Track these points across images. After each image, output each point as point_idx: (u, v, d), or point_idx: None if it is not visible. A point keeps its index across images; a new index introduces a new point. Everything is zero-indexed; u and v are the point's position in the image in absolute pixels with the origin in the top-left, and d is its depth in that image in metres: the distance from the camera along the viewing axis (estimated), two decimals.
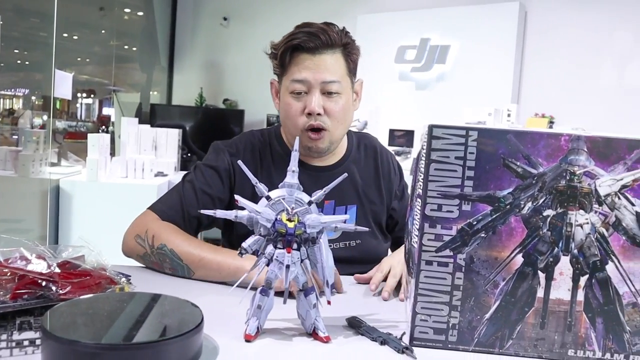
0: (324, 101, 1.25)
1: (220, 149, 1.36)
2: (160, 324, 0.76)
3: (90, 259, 1.06)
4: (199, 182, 1.30)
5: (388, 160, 1.46)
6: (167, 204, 1.29)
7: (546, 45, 4.28)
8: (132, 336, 0.71)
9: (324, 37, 1.23)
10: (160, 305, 0.82)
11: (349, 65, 1.29)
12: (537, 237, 0.82)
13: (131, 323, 0.75)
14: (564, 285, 0.82)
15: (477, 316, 0.84)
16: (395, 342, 0.84)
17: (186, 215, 1.27)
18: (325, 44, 1.24)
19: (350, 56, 1.29)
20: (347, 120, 1.32)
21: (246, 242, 0.84)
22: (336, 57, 1.26)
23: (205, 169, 1.33)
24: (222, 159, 1.33)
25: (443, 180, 0.82)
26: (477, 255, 0.83)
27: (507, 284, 0.83)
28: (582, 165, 0.80)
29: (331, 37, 1.24)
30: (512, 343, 0.84)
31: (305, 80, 1.24)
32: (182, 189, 1.30)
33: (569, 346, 0.83)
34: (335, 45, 1.25)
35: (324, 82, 1.24)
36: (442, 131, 0.81)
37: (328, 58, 1.25)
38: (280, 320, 0.92)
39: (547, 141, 0.80)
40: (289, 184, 0.86)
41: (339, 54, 1.27)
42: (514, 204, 0.81)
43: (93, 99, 6.23)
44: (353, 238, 1.34)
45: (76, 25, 5.77)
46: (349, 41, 1.28)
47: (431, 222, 0.83)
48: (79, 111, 6.27)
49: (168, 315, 0.79)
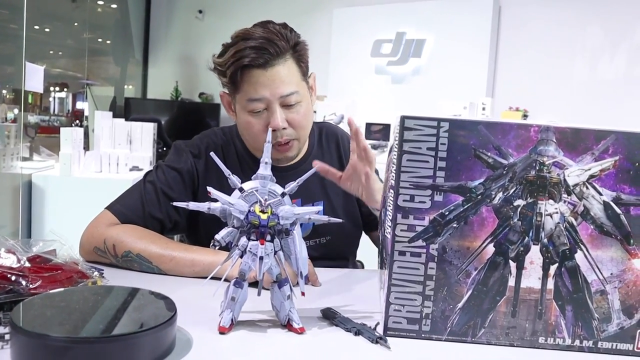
0: (286, 114, 1.22)
1: (182, 149, 1.31)
2: (133, 317, 0.75)
3: (62, 253, 1.05)
4: (160, 182, 1.26)
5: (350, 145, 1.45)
6: (127, 205, 1.23)
7: (520, 39, 4.33)
8: (103, 329, 0.70)
9: (272, 49, 1.17)
10: (133, 298, 0.82)
11: (302, 68, 1.25)
12: (508, 227, 0.83)
13: (103, 316, 0.74)
14: (535, 274, 0.84)
15: (449, 306, 0.85)
16: (369, 333, 0.84)
17: (147, 216, 1.22)
18: (276, 54, 1.18)
19: (301, 58, 1.24)
20: (310, 123, 1.30)
21: (219, 234, 0.83)
22: (289, 65, 1.21)
23: (167, 170, 1.28)
24: (185, 160, 1.29)
25: (415, 171, 0.83)
26: (450, 245, 0.84)
27: (479, 274, 0.84)
28: (551, 156, 0.81)
29: (279, 46, 1.18)
30: (484, 332, 0.85)
31: (263, 98, 1.20)
32: (143, 189, 1.25)
33: (540, 334, 0.85)
34: (285, 52, 1.20)
35: (282, 96, 1.20)
36: (414, 122, 0.82)
37: (281, 69, 1.19)
38: (254, 312, 0.92)
39: (517, 132, 0.81)
40: (262, 176, 0.85)
41: (291, 60, 1.21)
42: (485, 194, 0.82)
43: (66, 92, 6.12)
44: (322, 235, 1.33)
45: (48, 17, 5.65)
46: (296, 41, 1.23)
47: (404, 213, 0.83)
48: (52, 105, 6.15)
49: (141, 308, 0.79)
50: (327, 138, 1.43)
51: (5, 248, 0.99)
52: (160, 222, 1.24)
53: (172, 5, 6.18)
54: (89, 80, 5.86)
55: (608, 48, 4.07)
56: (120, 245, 1.13)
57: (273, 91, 1.19)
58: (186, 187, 1.28)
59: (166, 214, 1.24)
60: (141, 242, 1.13)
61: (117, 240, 1.14)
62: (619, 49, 4.04)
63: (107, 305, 0.78)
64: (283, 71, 1.20)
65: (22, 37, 3.58)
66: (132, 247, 1.12)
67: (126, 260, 1.13)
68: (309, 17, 5.09)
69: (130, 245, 1.13)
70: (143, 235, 1.16)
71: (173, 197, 1.24)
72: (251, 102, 1.21)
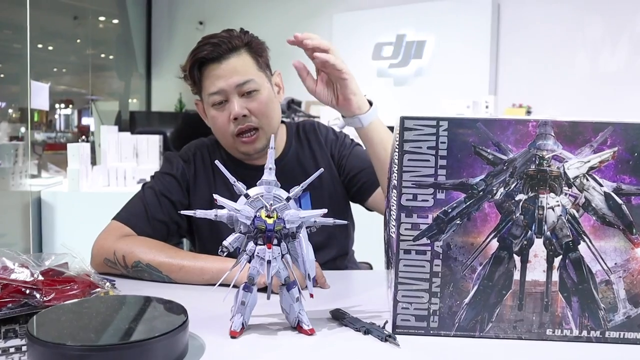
0: (245, 103, 1.28)
1: (173, 157, 1.40)
2: (146, 324, 0.77)
3: (74, 265, 1.07)
4: (159, 187, 1.33)
5: (327, 132, 1.47)
6: (131, 212, 1.29)
7: (520, 36, 4.34)
8: (118, 337, 0.72)
9: (225, 45, 1.27)
10: (145, 306, 0.83)
11: (258, 61, 1.32)
12: (511, 222, 0.84)
13: (117, 325, 0.76)
14: (539, 267, 0.85)
15: (456, 301, 0.86)
16: (378, 331, 0.86)
17: (152, 219, 1.28)
18: (229, 49, 1.27)
19: (256, 52, 1.32)
20: (275, 113, 1.34)
21: (227, 240, 0.85)
22: (243, 58, 1.29)
23: (163, 176, 1.35)
24: (177, 166, 1.37)
25: (417, 170, 0.84)
26: (454, 242, 0.85)
27: (484, 269, 0.85)
28: (550, 150, 0.82)
29: (232, 42, 1.28)
30: (492, 326, 0.86)
31: (220, 89, 1.28)
32: (144, 195, 1.32)
33: (547, 326, 0.86)
34: (238, 47, 1.29)
35: (238, 85, 1.27)
36: (414, 122, 0.83)
37: (235, 61, 1.28)
38: (264, 316, 0.93)
39: (516, 127, 0.82)
40: (267, 181, 0.87)
41: (245, 54, 1.30)
42: (486, 190, 0.84)
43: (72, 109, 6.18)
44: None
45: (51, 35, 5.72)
46: (250, 39, 1.31)
47: (407, 212, 0.85)
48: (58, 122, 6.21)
49: (153, 316, 0.80)
50: (305, 131, 1.46)
51: (18, 263, 1.01)
52: (165, 225, 1.30)
53: (173, 18, 6.23)
54: (94, 95, 5.91)
55: (609, 41, 4.07)
56: (130, 256, 1.15)
57: (228, 81, 1.27)
58: (182, 189, 1.35)
59: (168, 216, 1.30)
60: (150, 252, 1.15)
61: (126, 252, 1.16)
62: (620, 41, 4.04)
63: (120, 314, 0.80)
64: (236, 62, 1.28)
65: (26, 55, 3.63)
66: (142, 257, 1.15)
67: (136, 270, 1.15)
68: (309, 24, 5.13)
69: (140, 256, 1.15)
70: (152, 245, 1.18)
71: (172, 199, 1.32)
72: (211, 95, 1.29)
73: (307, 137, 1.45)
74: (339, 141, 1.46)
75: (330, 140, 1.45)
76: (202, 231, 1.36)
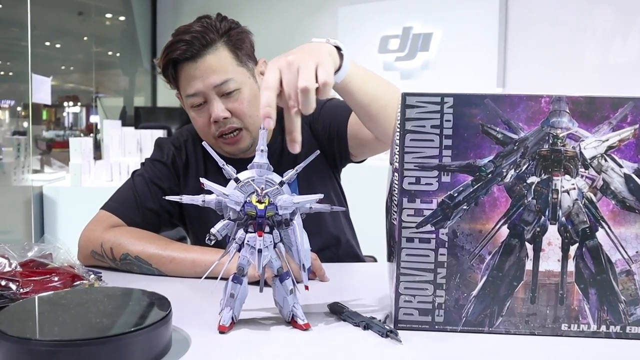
0: (226, 103, 1.19)
1: (164, 142, 1.34)
2: (124, 317, 0.71)
3: (58, 257, 1.01)
4: (149, 174, 1.26)
5: None
6: (120, 201, 1.23)
7: (529, 27, 4.25)
8: (91, 331, 0.66)
9: (197, 43, 1.16)
10: (125, 298, 0.77)
11: (237, 55, 1.20)
12: (522, 207, 0.77)
13: (92, 318, 0.70)
14: (554, 255, 0.78)
15: (463, 294, 0.79)
16: (379, 326, 0.79)
17: (141, 208, 1.22)
18: (203, 45, 1.16)
19: (235, 44, 1.20)
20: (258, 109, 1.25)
21: (215, 227, 0.78)
22: (219, 54, 1.18)
23: (153, 163, 1.29)
24: (167, 152, 1.30)
25: (420, 151, 0.77)
26: (460, 229, 0.78)
27: (493, 258, 0.78)
28: (565, 128, 0.75)
29: (207, 37, 1.16)
30: (502, 320, 0.79)
31: (198, 91, 1.18)
32: (133, 183, 1.26)
33: (562, 320, 0.79)
34: (214, 42, 1.17)
35: (215, 85, 1.17)
36: (416, 99, 0.77)
37: (211, 58, 1.17)
38: (256, 310, 0.87)
39: (527, 104, 0.76)
40: (258, 164, 0.81)
41: (222, 48, 1.18)
42: (495, 173, 0.77)
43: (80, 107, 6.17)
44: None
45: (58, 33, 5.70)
46: (227, 28, 1.20)
47: (410, 197, 0.78)
48: (66, 120, 6.20)
49: (133, 309, 0.74)
50: None
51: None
52: (156, 214, 1.24)
53: (178, 14, 6.18)
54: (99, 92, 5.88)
55: (620, 31, 3.97)
56: (118, 248, 1.09)
57: (205, 82, 1.17)
58: (174, 177, 1.29)
59: (159, 204, 1.24)
60: (139, 243, 1.09)
61: (114, 243, 1.10)
62: (631, 31, 3.94)
63: (97, 307, 0.74)
64: (213, 60, 1.17)
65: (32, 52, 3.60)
66: (130, 249, 1.09)
67: (125, 263, 1.09)
68: (314, 19, 5.05)
69: (128, 248, 1.09)
70: (141, 236, 1.12)
71: (163, 187, 1.26)
72: (189, 97, 1.20)
73: None
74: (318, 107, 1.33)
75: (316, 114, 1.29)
76: (192, 219, 1.29)
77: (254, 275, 0.92)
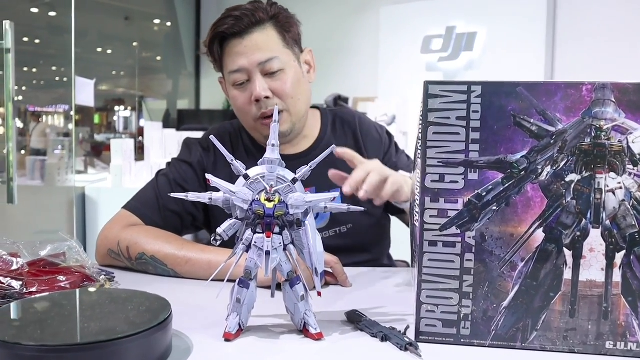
0: (269, 83, 1.15)
1: (192, 143, 1.29)
2: (119, 321, 0.66)
3: (72, 256, 0.98)
4: (173, 175, 1.22)
5: (369, 128, 1.32)
6: (142, 200, 1.19)
7: (579, 26, 4.06)
8: (82, 336, 0.61)
9: (248, 19, 1.14)
10: (124, 301, 0.73)
11: (284, 36, 1.18)
12: (560, 208, 0.69)
13: (86, 322, 0.66)
14: (596, 264, 0.69)
15: (493, 304, 0.71)
16: (398, 338, 0.72)
17: (163, 209, 1.17)
18: (252, 23, 1.14)
19: (283, 27, 1.18)
20: (303, 94, 1.21)
21: (221, 227, 0.73)
22: (267, 33, 1.16)
23: (179, 164, 1.24)
24: (195, 153, 1.25)
25: (444, 145, 0.70)
26: (489, 232, 0.70)
27: (526, 265, 0.70)
28: (610, 119, 0.67)
29: (256, 15, 1.14)
30: (536, 335, 0.71)
31: (241, 68, 1.15)
32: (157, 183, 1.22)
33: (607, 337, 0.70)
34: (262, 21, 1.15)
35: (260, 63, 1.14)
36: (440, 88, 0.69)
37: (258, 36, 1.15)
38: (269, 317, 0.81)
39: (566, 92, 0.67)
40: (269, 160, 0.75)
41: (270, 28, 1.16)
42: (529, 170, 0.69)
43: (131, 111, 6.31)
44: (344, 223, 1.22)
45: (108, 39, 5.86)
46: (277, 12, 1.18)
47: (433, 196, 0.71)
48: (117, 124, 6.36)
49: (131, 312, 0.69)
50: (343, 122, 1.32)
51: (10, 251, 0.94)
52: (178, 216, 1.19)
53: None
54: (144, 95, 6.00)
55: None
56: (135, 247, 1.06)
57: (250, 59, 1.14)
58: (199, 179, 1.23)
59: (182, 207, 1.19)
60: (156, 243, 1.05)
61: (131, 242, 1.07)
62: None
63: (94, 310, 0.70)
64: (260, 38, 1.15)
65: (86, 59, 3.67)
66: (147, 248, 1.05)
67: (140, 263, 1.05)
68: (356, 19, 4.99)
69: (145, 247, 1.05)
70: (158, 235, 1.08)
71: (187, 188, 1.20)
72: (233, 74, 1.17)
73: (344, 128, 1.31)
74: (382, 143, 1.31)
75: (373, 139, 1.30)
76: (219, 223, 1.24)
77: (266, 278, 0.87)
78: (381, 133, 1.33)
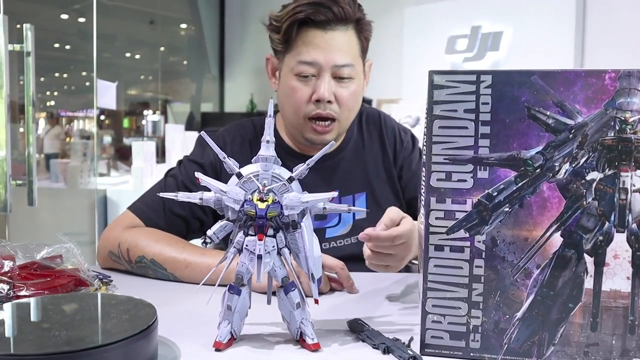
0: (335, 87, 1.10)
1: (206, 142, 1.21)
2: (99, 328, 0.62)
3: (69, 259, 0.95)
4: (182, 176, 1.15)
5: (393, 128, 1.27)
6: (147, 202, 1.13)
7: (608, 26, 3.93)
8: (56, 344, 0.57)
9: (336, 9, 1.07)
10: (108, 306, 0.68)
11: (362, 44, 1.13)
12: (580, 209, 0.62)
13: (64, 329, 0.62)
14: (621, 272, 0.62)
15: (505, 315, 0.65)
16: (401, 350, 0.66)
17: (168, 212, 1.11)
18: (338, 17, 1.08)
19: (363, 33, 1.13)
20: (357, 108, 1.16)
21: (211, 229, 0.69)
22: (349, 35, 1.10)
23: (189, 165, 1.17)
24: (208, 153, 1.18)
25: (451, 140, 0.64)
26: (501, 236, 0.64)
27: (542, 273, 0.64)
28: (637, 110, 0.60)
29: (344, 10, 1.08)
30: (554, 350, 0.64)
31: (315, 62, 1.09)
32: (164, 184, 1.16)
33: (633, 354, 0.63)
34: (348, 21, 1.10)
35: (336, 65, 1.08)
36: (447, 78, 0.64)
37: (341, 36, 1.09)
38: (264, 325, 0.76)
39: (586, 81, 0.61)
40: (264, 157, 0.70)
41: (352, 31, 1.11)
42: (545, 167, 0.62)
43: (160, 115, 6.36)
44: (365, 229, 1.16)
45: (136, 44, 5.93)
46: (361, 16, 1.12)
47: (439, 196, 0.65)
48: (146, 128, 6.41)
49: (113, 318, 0.65)
50: (368, 122, 1.27)
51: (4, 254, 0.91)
52: (184, 220, 1.13)
53: (245, 19, 6.23)
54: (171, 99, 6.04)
55: None
56: (135, 250, 1.02)
57: (328, 57, 1.08)
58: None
59: (189, 211, 1.13)
60: (156, 245, 1.01)
61: (131, 244, 1.03)
62: None
63: (74, 316, 0.66)
64: (342, 39, 1.09)
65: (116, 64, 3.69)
66: (146, 251, 1.01)
67: (140, 266, 1.01)
68: (380, 20, 4.90)
69: (145, 250, 1.01)
70: (160, 238, 1.04)
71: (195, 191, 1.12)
72: (301, 64, 1.10)
73: (369, 130, 1.26)
74: (405, 146, 1.26)
75: (396, 140, 1.26)
76: None
77: (261, 284, 0.82)
78: (404, 137, 1.28)
